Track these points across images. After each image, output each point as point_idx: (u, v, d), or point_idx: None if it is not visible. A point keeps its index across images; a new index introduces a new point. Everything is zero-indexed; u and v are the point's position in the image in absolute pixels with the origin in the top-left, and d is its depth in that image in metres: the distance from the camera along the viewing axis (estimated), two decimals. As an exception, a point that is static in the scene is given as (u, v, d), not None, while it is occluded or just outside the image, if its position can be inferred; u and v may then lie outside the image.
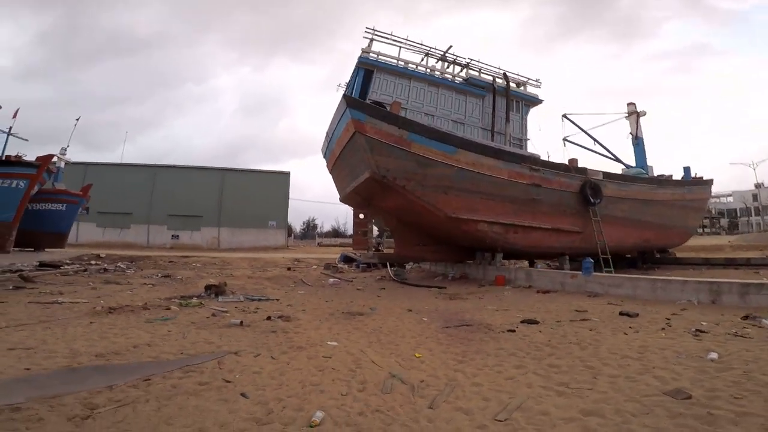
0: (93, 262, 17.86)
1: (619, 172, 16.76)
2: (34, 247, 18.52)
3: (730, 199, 57.04)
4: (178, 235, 32.96)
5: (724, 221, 55.15)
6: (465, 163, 11.31)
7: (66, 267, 14.78)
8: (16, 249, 17.69)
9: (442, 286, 10.93)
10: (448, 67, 13.28)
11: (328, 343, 4.49)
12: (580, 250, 13.18)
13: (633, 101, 18.38)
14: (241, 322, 5.57)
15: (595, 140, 17.23)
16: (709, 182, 17.25)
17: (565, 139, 17.26)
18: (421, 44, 12.72)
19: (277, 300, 8.28)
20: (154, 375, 3.23)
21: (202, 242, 32.84)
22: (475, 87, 12.87)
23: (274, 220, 34.06)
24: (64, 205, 18.58)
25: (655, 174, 17.37)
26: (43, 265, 14.66)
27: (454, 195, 11.24)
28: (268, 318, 5.93)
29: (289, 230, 57.96)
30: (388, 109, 11.08)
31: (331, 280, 12.83)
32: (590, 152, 17.38)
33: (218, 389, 2.95)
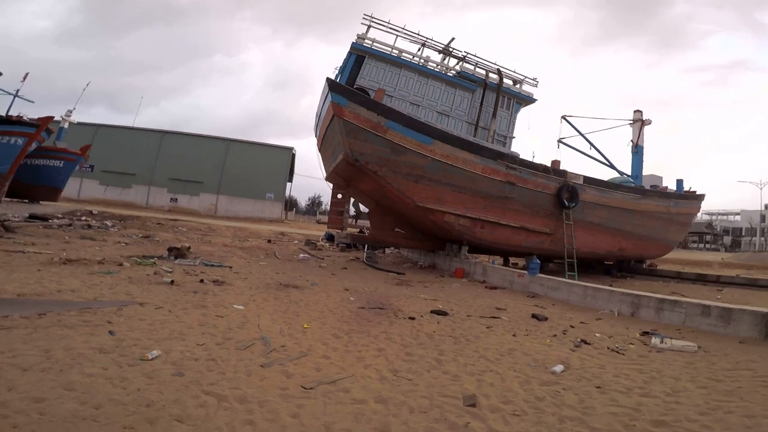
0: (83, 217, 18.77)
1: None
2: (29, 198, 19.71)
3: (738, 217, 56.04)
4: (176, 199, 34.04)
5: (727, 239, 54.10)
6: (440, 155, 11.54)
7: (54, 220, 15.64)
8: (11, 199, 18.88)
9: (402, 272, 11.33)
10: (445, 59, 13.33)
11: (235, 306, 4.97)
12: (549, 251, 13.44)
13: (640, 109, 18.10)
14: (172, 281, 6.09)
15: (591, 144, 17.13)
16: (700, 197, 17.07)
17: (560, 141, 17.22)
18: (418, 34, 12.78)
19: (230, 267, 8.82)
20: (51, 311, 3.73)
21: (200, 208, 33.86)
22: (466, 81, 12.91)
23: (272, 193, 34.86)
24: (62, 162, 19.85)
25: (667, 187, 17.28)
26: (32, 217, 15.52)
27: (424, 184, 11.54)
28: (201, 281, 6.45)
29: (293, 205, 58.93)
30: (372, 95, 11.32)
31: (301, 255, 13.36)
32: (587, 157, 17.39)
33: (94, 326, 3.44)
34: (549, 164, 13.66)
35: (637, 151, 17.46)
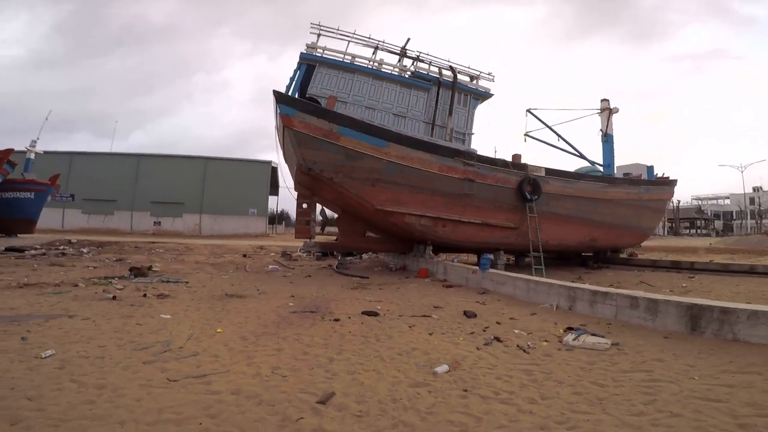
0: (61, 246, 19.42)
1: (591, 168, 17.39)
2: (5, 232, 20.43)
3: (728, 201, 56.93)
4: (160, 222, 34.78)
5: (719, 223, 54.63)
6: (395, 157, 12.09)
7: (29, 251, 16.27)
8: None
9: (365, 276, 11.80)
10: (400, 61, 14.00)
11: (162, 315, 5.47)
12: (516, 245, 13.90)
13: (607, 98, 18.76)
14: (114, 297, 6.63)
15: (559, 136, 17.73)
16: (672, 182, 17.56)
17: (527, 135, 17.85)
18: (369, 38, 13.45)
19: (186, 283, 9.34)
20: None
21: (184, 229, 34.57)
22: (421, 80, 13.51)
23: (255, 208, 35.59)
24: (32, 193, 20.66)
25: (641, 175, 17.84)
26: (9, 249, 16.18)
27: (382, 187, 12.07)
28: (144, 296, 7.00)
29: (282, 218, 59.50)
30: (323, 103, 11.95)
31: (270, 266, 13.89)
32: (557, 149, 17.96)
33: (11, 334, 3.98)
34: (510, 159, 14.27)
35: (607, 139, 17.99)
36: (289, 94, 11.95)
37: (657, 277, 13.42)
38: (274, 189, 39.79)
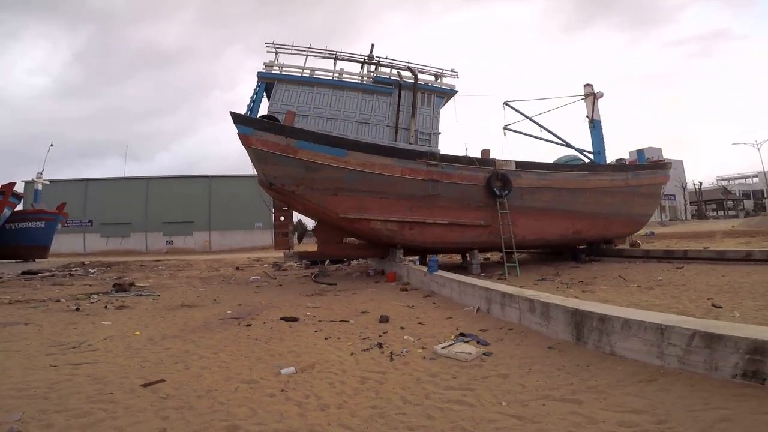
0: (75, 268, 21.92)
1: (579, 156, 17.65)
2: (24, 258, 23.49)
3: (756, 180, 53.45)
4: (172, 241, 37.71)
5: (749, 203, 51.14)
6: (355, 164, 13.03)
7: (42, 273, 18.66)
8: (8, 261, 22.72)
9: (333, 283, 12.76)
10: (363, 68, 15.06)
11: (102, 322, 6.77)
12: (489, 244, 14.40)
13: (589, 84, 18.89)
14: (77, 308, 8.09)
15: (541, 126, 18.09)
16: (666, 165, 17.40)
17: (505, 128, 18.30)
18: (326, 49, 14.59)
19: (158, 295, 10.78)
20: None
21: (195, 246, 37.26)
22: (382, 85, 14.42)
23: (260, 222, 37.75)
24: (43, 222, 23.75)
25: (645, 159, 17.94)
26: (24, 273, 18.67)
27: (344, 196, 13.05)
28: (105, 307, 8.43)
29: (295, 229, 62.01)
30: (282, 120, 13.16)
31: (252, 278, 15.25)
32: (543, 140, 18.32)
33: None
34: (480, 155, 14.88)
35: (595, 125, 18.10)
36: (250, 113, 13.25)
37: (642, 268, 13.43)
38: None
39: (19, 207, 24.44)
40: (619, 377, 3.47)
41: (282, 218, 15.42)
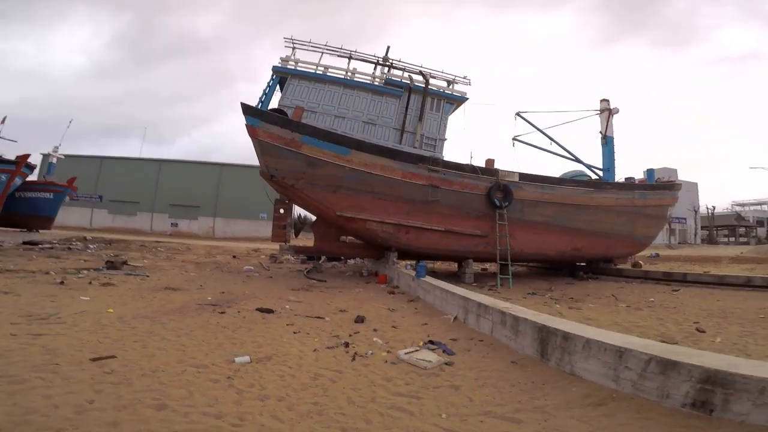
0: (76, 242, 22.32)
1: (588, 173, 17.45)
2: (27, 228, 23.98)
3: None
4: (177, 223, 38.26)
5: (762, 231, 49.84)
6: (357, 164, 13.11)
7: (43, 245, 19.05)
8: (12, 229, 23.24)
9: (323, 280, 12.80)
10: (375, 69, 15.13)
11: (81, 297, 6.89)
12: (486, 254, 14.31)
13: (606, 99, 18.69)
14: (62, 281, 8.23)
15: (551, 139, 17.92)
16: (674, 186, 17.07)
17: (515, 138, 18.20)
18: (341, 48, 14.73)
19: (147, 276, 10.94)
20: None
21: (199, 231, 37.72)
22: (393, 87, 14.50)
23: (265, 213, 38.03)
24: (51, 194, 24.25)
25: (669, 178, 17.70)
26: (26, 242, 19.07)
27: (343, 194, 13.12)
28: (90, 282, 8.56)
29: (303, 222, 62.31)
30: (290, 114, 13.29)
31: (245, 267, 15.37)
32: (556, 155, 18.14)
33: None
34: (484, 164, 14.80)
35: (607, 142, 17.87)
36: (261, 105, 13.39)
37: (638, 289, 13.29)
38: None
39: (32, 178, 25.13)
40: (570, 398, 3.39)
41: (282, 210, 15.45)
